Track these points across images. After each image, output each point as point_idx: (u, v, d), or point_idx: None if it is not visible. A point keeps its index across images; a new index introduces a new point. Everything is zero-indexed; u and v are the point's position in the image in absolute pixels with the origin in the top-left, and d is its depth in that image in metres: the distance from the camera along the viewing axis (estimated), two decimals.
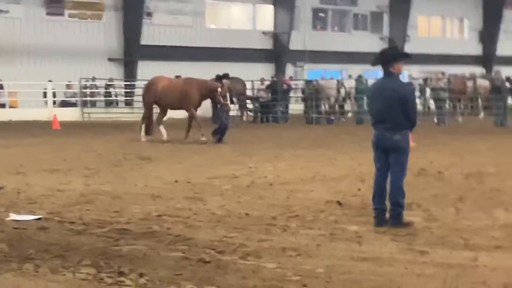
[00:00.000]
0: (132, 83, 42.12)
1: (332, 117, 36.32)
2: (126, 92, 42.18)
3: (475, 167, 15.94)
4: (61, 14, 41.39)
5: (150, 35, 42.99)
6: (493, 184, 13.71)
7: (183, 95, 24.20)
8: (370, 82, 25.16)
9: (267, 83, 38.35)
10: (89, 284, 7.44)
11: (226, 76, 25.03)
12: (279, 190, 13.40)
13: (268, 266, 7.99)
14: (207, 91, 24.16)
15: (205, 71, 40.76)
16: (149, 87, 25.07)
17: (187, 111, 24.86)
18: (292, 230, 9.90)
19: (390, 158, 10.04)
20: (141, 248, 8.87)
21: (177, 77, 37.24)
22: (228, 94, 24.41)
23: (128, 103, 41.82)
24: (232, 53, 45.40)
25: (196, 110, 24.58)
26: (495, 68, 46.30)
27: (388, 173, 10.10)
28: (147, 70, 42.04)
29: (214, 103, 24.69)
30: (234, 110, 38.81)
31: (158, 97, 24.61)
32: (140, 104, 41.27)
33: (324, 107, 37.14)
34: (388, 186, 10.13)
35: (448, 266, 7.86)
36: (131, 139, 25.25)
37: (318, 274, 7.67)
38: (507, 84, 32.39)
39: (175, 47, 43.95)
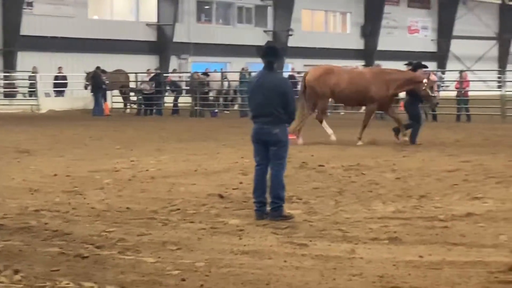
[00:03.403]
0: (12, 74, 41.10)
1: (216, 110, 36.34)
2: (5, 84, 41.09)
3: (355, 160, 16.21)
4: None
5: (30, 26, 41.98)
6: (372, 177, 13.96)
7: (373, 88, 20.31)
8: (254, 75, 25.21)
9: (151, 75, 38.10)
10: None
11: (422, 65, 21.53)
12: (161, 183, 13.31)
13: (147, 261, 7.93)
14: (407, 83, 20.29)
15: (88, 62, 40.25)
16: (324, 77, 20.61)
17: (367, 106, 21.30)
18: (173, 224, 9.86)
19: (269, 152, 10.11)
20: (16, 244, 8.67)
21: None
22: (435, 86, 20.75)
23: (8, 95, 40.77)
24: (116, 45, 44.88)
25: (388, 106, 20.97)
26: (376, 62, 47.25)
27: (268, 166, 10.17)
28: (27, 61, 41.17)
29: (412, 96, 20.59)
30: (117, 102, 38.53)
31: (337, 90, 20.57)
32: (21, 96, 40.65)
33: (208, 99, 37.15)
34: (268, 180, 10.19)
35: (326, 258, 7.96)
36: (8, 131, 24.66)
37: (197, 268, 7.65)
38: None
39: (57, 38, 43.09)
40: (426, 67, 21.88)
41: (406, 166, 15.37)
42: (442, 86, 44.98)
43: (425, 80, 20.29)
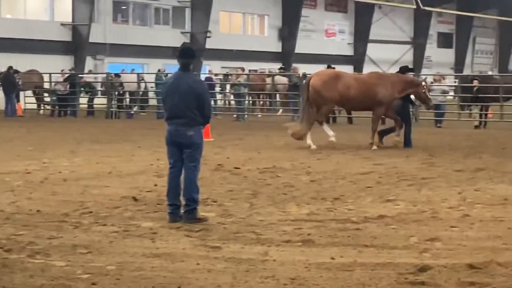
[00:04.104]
0: None
1: (132, 111, 36.06)
2: None
3: (271, 163, 16.27)
4: None
5: None
6: (287, 179, 14.03)
7: (377, 93, 20.03)
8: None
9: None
10: None
11: (409, 68, 21.51)
12: (73, 186, 13.12)
13: (57, 264, 7.81)
14: (408, 86, 20.35)
15: (0, 62, 39.41)
16: (330, 82, 20.05)
17: (373, 111, 20.57)
18: (85, 227, 9.72)
19: (184, 154, 10.05)
20: None
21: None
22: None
23: None
24: (29, 45, 43.97)
25: (387, 110, 20.50)
26: (294, 65, 47.52)
27: (182, 168, 10.10)
28: None
29: (405, 99, 20.77)
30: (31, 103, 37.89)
31: (342, 95, 20.10)
32: None
33: (125, 101, 36.87)
34: (182, 182, 10.13)
35: (239, 261, 7.95)
36: None
37: (108, 271, 7.56)
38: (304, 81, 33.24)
39: None
40: (413, 70, 22.05)
41: (321, 169, 15.50)
42: None
43: (423, 83, 20.84)
